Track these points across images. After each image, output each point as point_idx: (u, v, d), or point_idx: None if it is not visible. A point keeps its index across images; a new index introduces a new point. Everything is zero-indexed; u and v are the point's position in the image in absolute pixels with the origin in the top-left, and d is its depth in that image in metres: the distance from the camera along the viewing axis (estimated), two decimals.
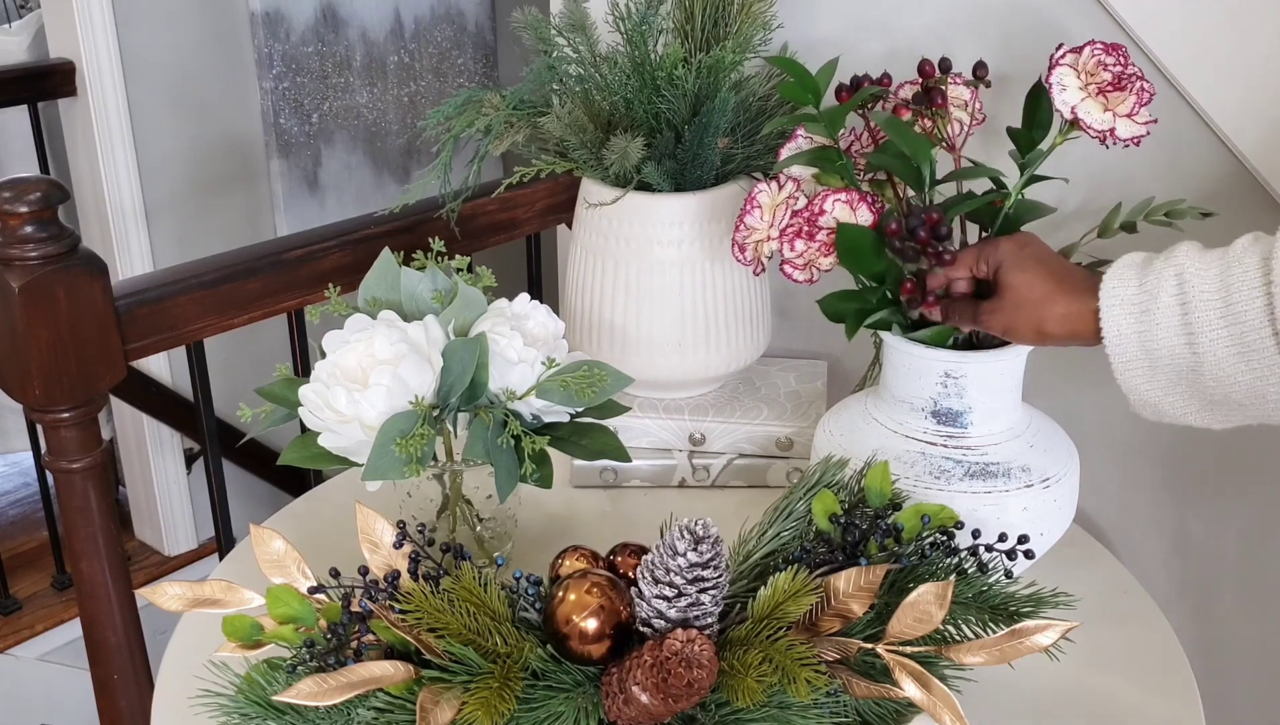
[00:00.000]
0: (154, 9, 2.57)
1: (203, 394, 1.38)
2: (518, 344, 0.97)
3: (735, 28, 1.20)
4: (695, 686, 0.74)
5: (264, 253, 1.34)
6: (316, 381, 0.94)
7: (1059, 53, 0.96)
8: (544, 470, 0.96)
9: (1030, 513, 0.97)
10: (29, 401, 1.15)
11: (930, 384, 0.98)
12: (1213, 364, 0.82)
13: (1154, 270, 0.85)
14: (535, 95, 1.22)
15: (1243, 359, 0.80)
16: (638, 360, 1.20)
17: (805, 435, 1.19)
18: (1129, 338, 0.85)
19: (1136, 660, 0.97)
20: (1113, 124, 0.95)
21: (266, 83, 2.67)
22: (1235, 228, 1.14)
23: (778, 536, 0.90)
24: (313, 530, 1.12)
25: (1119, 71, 0.95)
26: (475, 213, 1.45)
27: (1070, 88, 0.95)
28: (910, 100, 1.03)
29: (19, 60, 2.68)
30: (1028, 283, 0.90)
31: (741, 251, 1.07)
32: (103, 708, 1.29)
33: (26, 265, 1.11)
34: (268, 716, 0.77)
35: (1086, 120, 0.95)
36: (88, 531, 1.20)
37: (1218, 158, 1.14)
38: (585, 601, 0.79)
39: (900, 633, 0.79)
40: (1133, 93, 0.95)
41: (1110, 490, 1.30)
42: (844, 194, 0.98)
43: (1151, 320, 0.84)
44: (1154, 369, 0.85)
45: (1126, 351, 0.85)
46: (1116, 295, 0.85)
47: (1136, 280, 0.85)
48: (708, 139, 1.14)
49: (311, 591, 0.82)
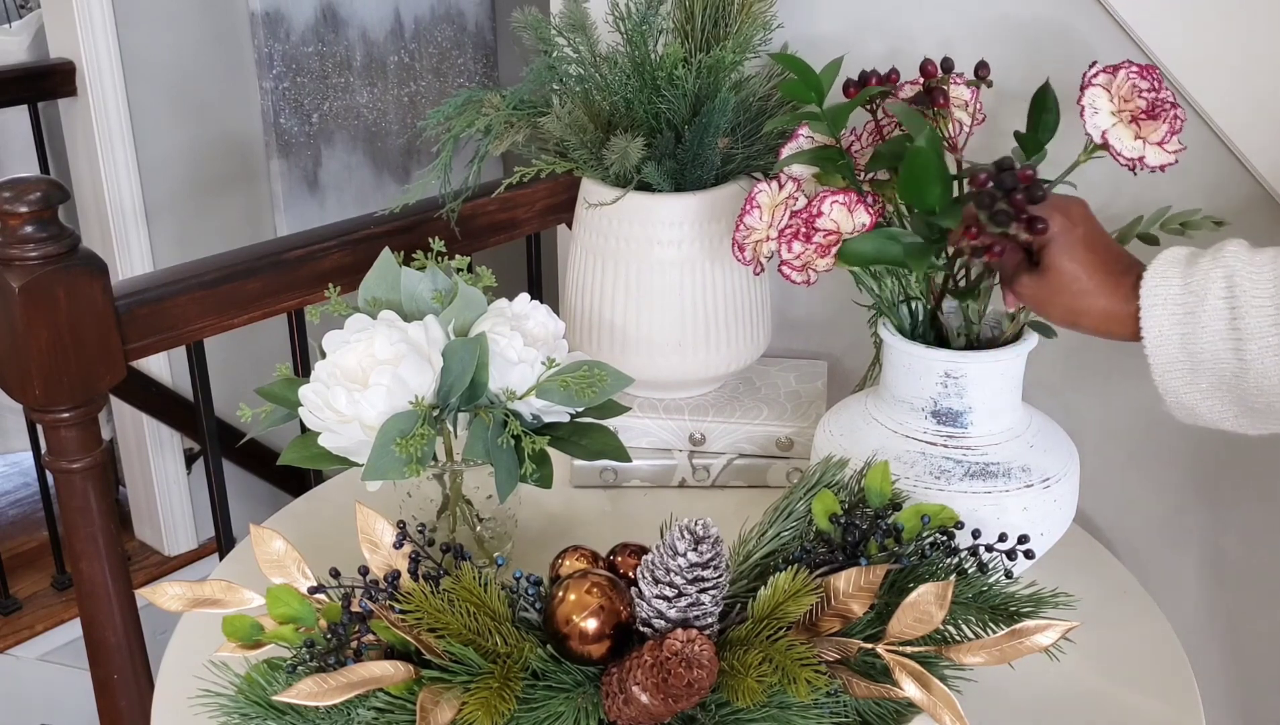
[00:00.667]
0: (154, 9, 2.57)
1: (203, 394, 1.38)
2: (518, 344, 0.97)
3: (735, 27, 1.20)
4: (695, 686, 0.74)
5: (264, 253, 1.34)
6: (316, 381, 0.94)
7: (1091, 71, 0.94)
8: (544, 470, 0.96)
9: (1030, 513, 0.97)
10: (29, 401, 1.15)
11: (930, 384, 0.98)
12: (1259, 372, 0.78)
13: (1200, 269, 0.81)
14: (535, 95, 1.22)
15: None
16: (638, 360, 1.20)
17: (805, 435, 1.19)
18: (1170, 340, 0.81)
19: (1136, 660, 0.97)
20: (1143, 152, 0.93)
21: (266, 83, 2.67)
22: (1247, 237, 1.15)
23: (778, 536, 0.90)
24: (313, 530, 1.12)
25: (1153, 98, 0.92)
26: (475, 213, 1.45)
27: (1102, 111, 0.93)
28: (912, 100, 1.03)
29: (19, 60, 2.68)
30: (1072, 273, 0.86)
31: (741, 251, 1.07)
32: (103, 708, 1.29)
33: (26, 265, 1.11)
34: (268, 716, 0.76)
35: (1117, 146, 0.93)
36: (88, 531, 1.20)
37: (1228, 167, 1.14)
38: (585, 601, 0.79)
39: (900, 633, 0.79)
40: (1165, 121, 0.93)
41: (1110, 490, 1.30)
42: (842, 195, 0.98)
43: (1196, 322, 0.80)
44: (1195, 373, 0.81)
45: (1167, 353, 0.82)
46: (1159, 294, 0.81)
47: (1180, 279, 0.81)
48: (708, 139, 1.14)
49: (311, 591, 0.82)
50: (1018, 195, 0.86)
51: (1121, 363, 1.26)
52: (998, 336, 1.01)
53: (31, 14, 2.92)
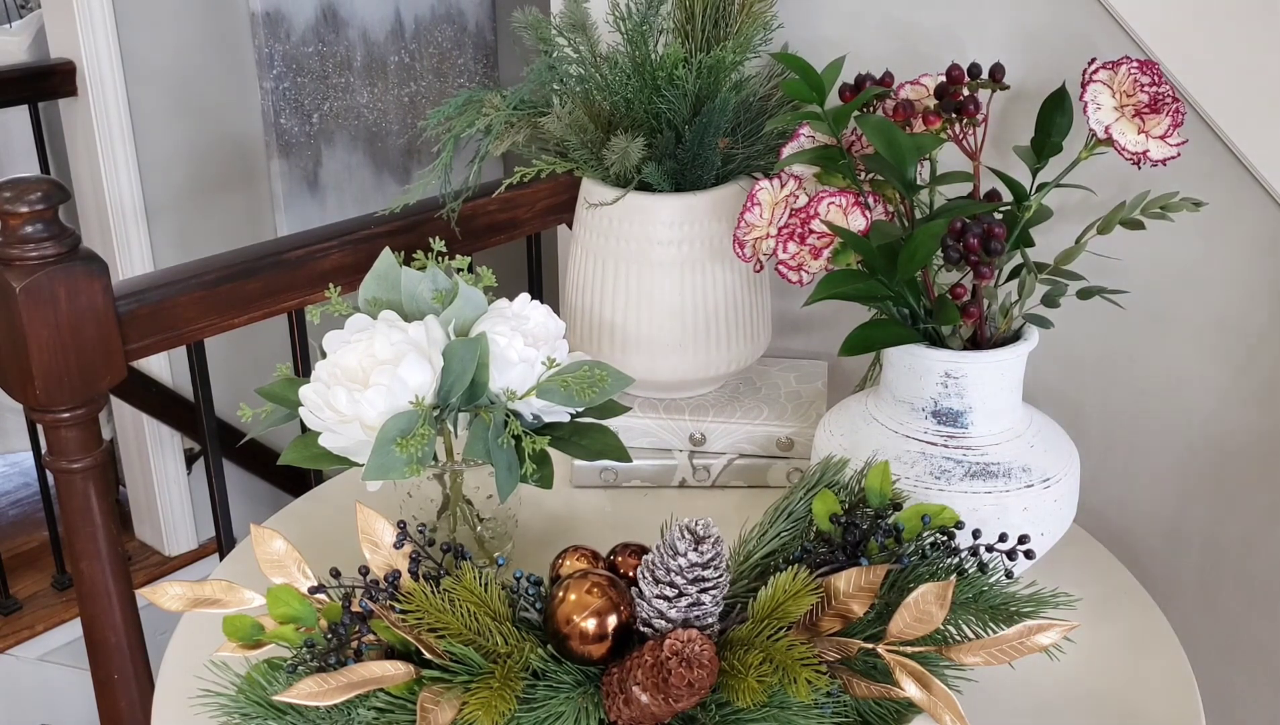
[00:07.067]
0: (154, 9, 2.57)
1: (203, 394, 1.38)
2: (518, 344, 0.97)
3: (736, 27, 1.20)
4: (695, 686, 0.74)
5: (264, 253, 1.34)
6: (317, 381, 0.94)
7: (1092, 68, 0.95)
8: (544, 470, 0.96)
9: (1031, 513, 0.97)
10: (29, 401, 1.15)
11: (930, 384, 0.98)
12: None
13: None
14: (535, 95, 1.22)
15: None
16: (638, 360, 1.20)
17: (805, 435, 1.19)
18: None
19: (1136, 660, 0.97)
20: (1146, 146, 0.93)
21: (267, 83, 2.67)
22: (1227, 216, 1.15)
23: (778, 536, 0.90)
24: (313, 530, 1.12)
25: (1155, 93, 0.93)
26: (475, 213, 1.45)
27: (1105, 107, 0.93)
28: (939, 109, 1.02)
29: (19, 60, 2.68)
30: None
31: (741, 248, 1.07)
32: (103, 708, 1.29)
33: (27, 265, 1.11)
34: (268, 716, 0.76)
35: (1121, 141, 0.93)
36: (88, 531, 1.20)
37: (1205, 143, 1.14)
38: (586, 601, 0.79)
39: (901, 633, 0.79)
40: (1168, 115, 0.93)
41: (1110, 490, 1.30)
42: (839, 197, 0.98)
43: None
44: None
45: None
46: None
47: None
48: (708, 139, 1.14)
49: (312, 591, 0.82)
50: (971, 239, 0.89)
51: (1122, 363, 1.26)
52: (994, 334, 1.01)
53: (32, 14, 2.92)
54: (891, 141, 0.97)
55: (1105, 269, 1.11)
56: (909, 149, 0.97)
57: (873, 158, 1.01)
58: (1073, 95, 0.98)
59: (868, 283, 0.96)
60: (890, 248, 0.95)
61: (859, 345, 0.97)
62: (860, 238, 0.97)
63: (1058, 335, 1.17)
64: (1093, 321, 1.25)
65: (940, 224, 0.91)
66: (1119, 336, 1.25)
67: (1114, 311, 1.20)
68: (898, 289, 0.95)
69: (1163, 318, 1.22)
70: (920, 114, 1.01)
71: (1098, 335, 1.26)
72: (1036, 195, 0.99)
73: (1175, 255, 1.19)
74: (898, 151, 0.96)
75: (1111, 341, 1.26)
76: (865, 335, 0.97)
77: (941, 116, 1.00)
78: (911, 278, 0.94)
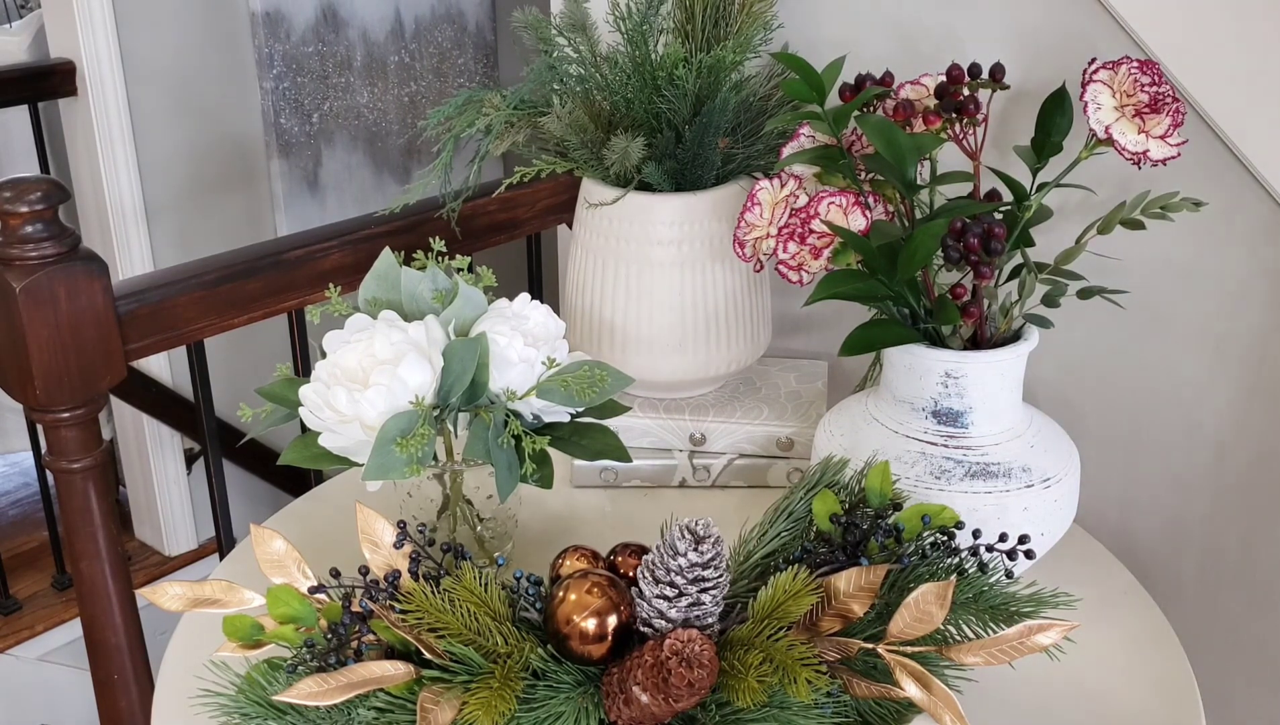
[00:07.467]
0: (154, 9, 2.57)
1: (203, 394, 1.38)
2: (518, 344, 0.97)
3: (736, 27, 1.20)
4: (695, 686, 0.74)
5: (264, 253, 1.34)
6: (317, 381, 0.94)
7: (1092, 68, 0.95)
8: (544, 470, 0.96)
9: (1031, 513, 0.97)
10: (29, 401, 1.15)
11: (931, 384, 0.98)
12: None
13: None
14: (535, 95, 1.22)
15: None
16: (638, 360, 1.20)
17: (805, 435, 1.19)
18: None
19: (1136, 660, 0.97)
20: (1146, 146, 0.93)
21: (267, 83, 2.67)
22: (1227, 216, 1.14)
23: (778, 536, 0.90)
24: (313, 530, 1.12)
25: (1155, 93, 0.93)
26: (475, 213, 1.45)
27: (1105, 107, 0.93)
28: (939, 108, 1.02)
29: (19, 60, 2.68)
30: None
31: (741, 247, 1.07)
32: (103, 708, 1.29)
33: (27, 265, 1.11)
34: (268, 716, 0.76)
35: (1121, 141, 0.93)
36: (88, 531, 1.20)
37: (1206, 144, 1.14)
38: (586, 601, 0.79)
39: (901, 633, 0.79)
40: (1168, 115, 0.93)
41: (1110, 490, 1.30)
42: (839, 197, 0.98)
43: None
44: None
45: None
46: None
47: None
48: (708, 139, 1.14)
49: (312, 591, 0.82)
50: (972, 239, 0.89)
51: (1121, 362, 1.26)
52: (994, 334, 1.01)
53: (32, 14, 2.92)
54: (891, 141, 0.97)
55: (1105, 269, 1.11)
56: (909, 149, 0.97)
57: (873, 158, 1.01)
58: (1073, 95, 0.98)
59: (868, 283, 0.96)
60: (890, 248, 0.95)
61: (859, 345, 0.97)
62: (860, 238, 0.97)
63: (1058, 335, 1.17)
64: (1093, 321, 1.25)
65: (940, 224, 0.91)
66: (1119, 336, 1.25)
67: (1114, 311, 1.20)
68: (898, 289, 0.95)
69: (1163, 318, 1.22)
70: (920, 114, 1.01)
71: (1098, 335, 1.26)
72: (1036, 195, 0.99)
73: (1175, 255, 1.19)
74: (898, 151, 0.97)
75: (1111, 341, 1.26)
76: (865, 335, 0.98)
77: (941, 116, 1.00)
78: (911, 278, 0.94)
